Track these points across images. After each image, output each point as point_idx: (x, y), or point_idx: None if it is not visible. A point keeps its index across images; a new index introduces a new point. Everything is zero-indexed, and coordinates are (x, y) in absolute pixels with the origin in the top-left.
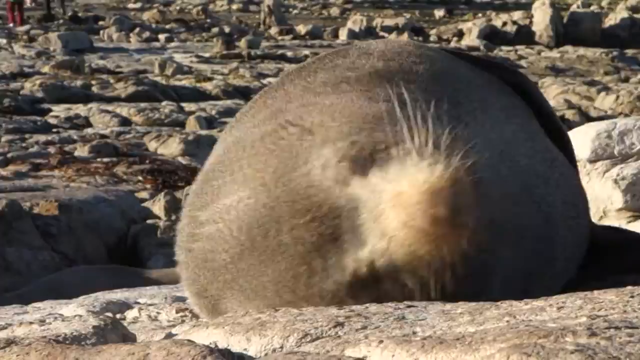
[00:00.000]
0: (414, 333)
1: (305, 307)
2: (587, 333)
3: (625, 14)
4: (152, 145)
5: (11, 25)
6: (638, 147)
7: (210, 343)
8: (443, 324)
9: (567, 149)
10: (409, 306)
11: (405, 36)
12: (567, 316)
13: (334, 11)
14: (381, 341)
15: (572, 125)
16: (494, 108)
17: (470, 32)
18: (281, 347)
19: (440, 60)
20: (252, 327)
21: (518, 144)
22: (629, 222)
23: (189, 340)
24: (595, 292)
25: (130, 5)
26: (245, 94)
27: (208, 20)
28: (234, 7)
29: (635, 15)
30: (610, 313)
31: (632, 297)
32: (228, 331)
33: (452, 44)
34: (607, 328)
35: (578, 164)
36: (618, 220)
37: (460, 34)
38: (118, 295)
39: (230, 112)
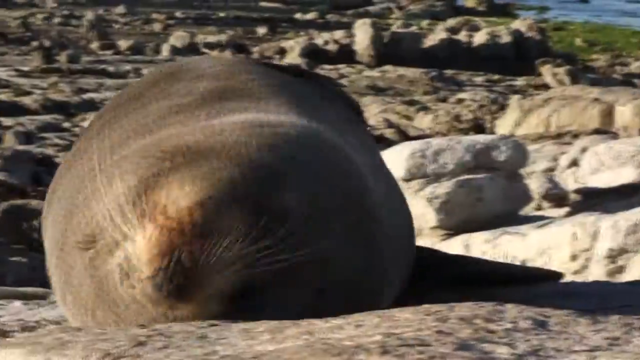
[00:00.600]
0: (215, 352)
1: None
2: (379, 351)
3: (444, 35)
4: None
5: None
6: (451, 167)
7: None
8: (243, 343)
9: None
10: (212, 325)
11: (227, 53)
12: (364, 334)
13: (157, 27)
14: None
15: (391, 144)
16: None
17: (293, 50)
18: None
19: (270, 75)
20: (53, 346)
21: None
22: (443, 239)
23: None
24: (393, 310)
25: None
26: (64, 108)
27: (28, 34)
28: (55, 20)
29: (454, 37)
30: (405, 331)
31: (427, 315)
32: (29, 351)
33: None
34: (400, 346)
35: None
36: (432, 239)
37: (282, 52)
38: None
39: (49, 127)
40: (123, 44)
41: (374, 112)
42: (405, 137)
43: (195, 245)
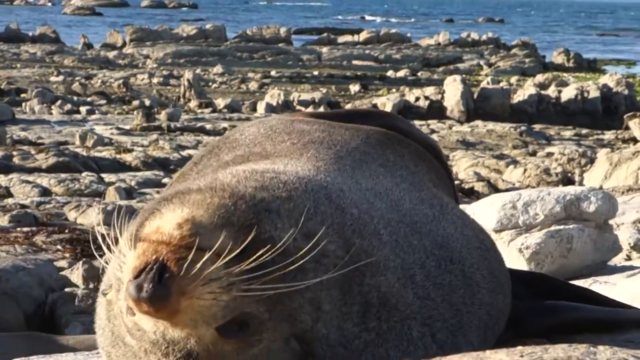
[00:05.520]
0: None
1: None
2: None
3: (532, 91)
4: (71, 215)
5: None
6: (541, 217)
7: None
8: None
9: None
10: None
11: (321, 109)
12: None
13: (253, 85)
14: None
15: (481, 197)
16: (371, 164)
17: (385, 107)
18: None
19: (310, 132)
20: None
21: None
22: None
23: None
24: (487, 352)
25: (53, 79)
26: (164, 165)
27: (128, 94)
28: (155, 80)
29: (542, 92)
30: None
31: (521, 356)
32: None
33: None
34: None
35: None
36: None
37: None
38: None
39: (149, 183)
40: (220, 102)
41: (464, 166)
42: (495, 190)
43: (180, 253)
